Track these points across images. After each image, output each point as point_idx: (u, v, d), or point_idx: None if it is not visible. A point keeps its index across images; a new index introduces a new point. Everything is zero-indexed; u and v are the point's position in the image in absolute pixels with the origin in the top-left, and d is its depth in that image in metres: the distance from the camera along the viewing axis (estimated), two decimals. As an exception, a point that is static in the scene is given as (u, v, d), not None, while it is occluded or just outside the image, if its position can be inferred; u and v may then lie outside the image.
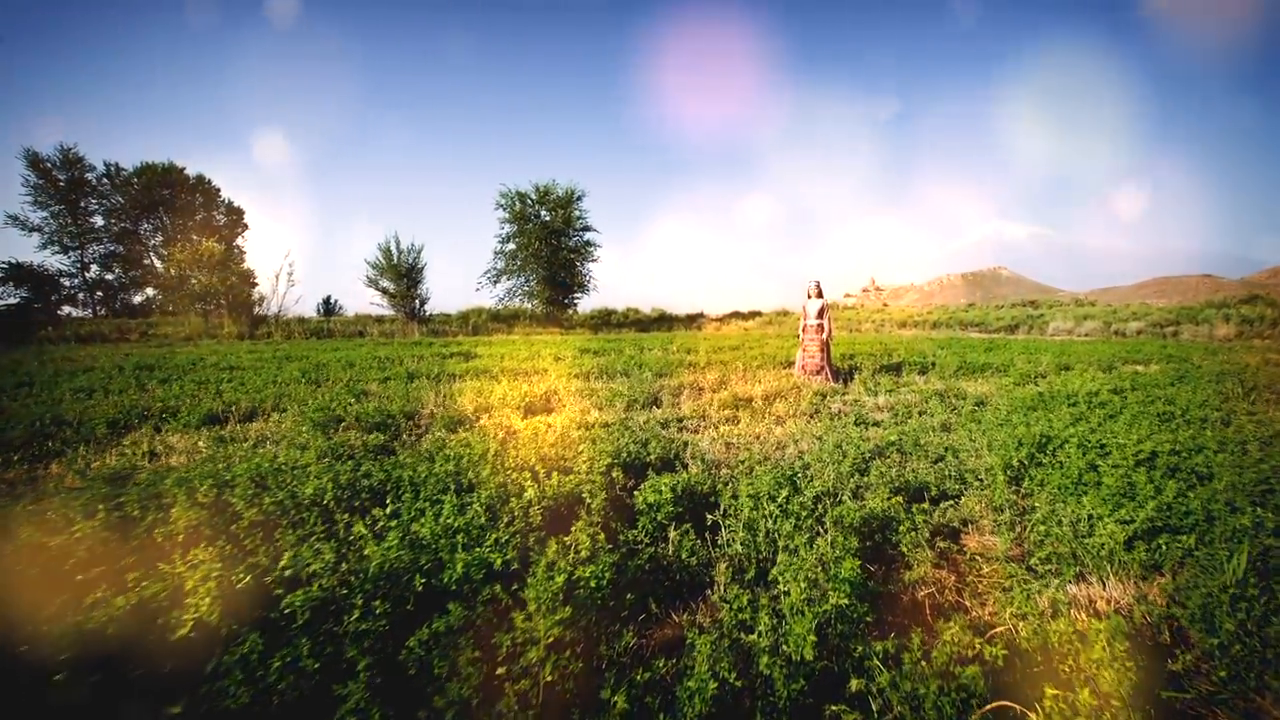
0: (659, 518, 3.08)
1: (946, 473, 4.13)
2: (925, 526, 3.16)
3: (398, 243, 30.82)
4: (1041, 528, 3.14)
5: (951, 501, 3.69)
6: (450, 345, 17.27)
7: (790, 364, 10.97)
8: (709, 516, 3.21)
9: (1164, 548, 2.92)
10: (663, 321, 33.95)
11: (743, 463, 4.23)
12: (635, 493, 3.34)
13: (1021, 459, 3.98)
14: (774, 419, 6.53)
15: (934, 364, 10.63)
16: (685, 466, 4.25)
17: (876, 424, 6.17)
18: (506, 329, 30.45)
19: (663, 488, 3.20)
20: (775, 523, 2.98)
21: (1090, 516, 3.15)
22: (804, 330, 9.37)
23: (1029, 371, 9.80)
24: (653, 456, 4.23)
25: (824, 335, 9.17)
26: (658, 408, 7.05)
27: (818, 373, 9.11)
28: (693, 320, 33.93)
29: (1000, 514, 3.49)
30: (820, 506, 3.24)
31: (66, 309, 39.94)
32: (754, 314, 35.30)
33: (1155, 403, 5.93)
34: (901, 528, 3.05)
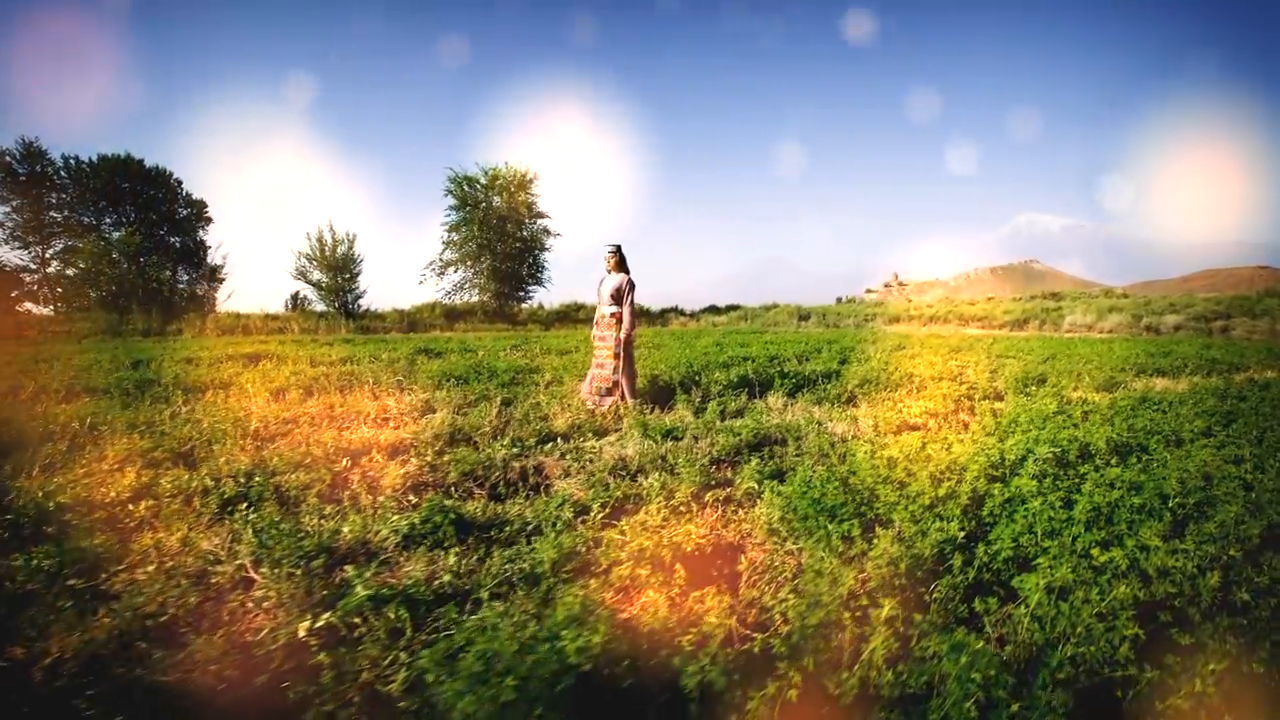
0: None
1: None
2: None
3: (331, 231, 27.94)
4: None
5: None
6: (244, 345, 13.50)
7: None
8: None
9: None
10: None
11: None
12: None
13: None
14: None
15: (836, 374, 6.99)
16: None
17: (457, 539, 2.64)
18: (448, 325, 27.34)
19: None
20: None
21: None
22: (595, 325, 5.82)
23: (977, 388, 6.11)
24: None
25: (622, 333, 5.62)
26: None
27: (609, 392, 5.59)
28: (660, 316, 30.26)
29: None
30: None
31: (27, 305, 38.42)
32: (732, 308, 31.36)
33: (1161, 513, 2.24)
34: None
